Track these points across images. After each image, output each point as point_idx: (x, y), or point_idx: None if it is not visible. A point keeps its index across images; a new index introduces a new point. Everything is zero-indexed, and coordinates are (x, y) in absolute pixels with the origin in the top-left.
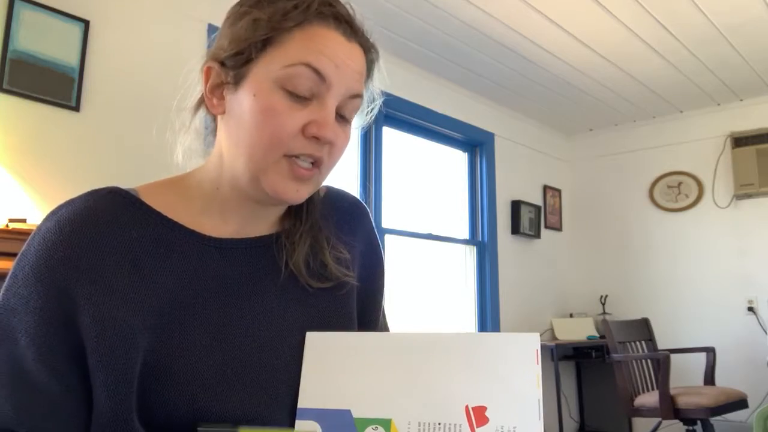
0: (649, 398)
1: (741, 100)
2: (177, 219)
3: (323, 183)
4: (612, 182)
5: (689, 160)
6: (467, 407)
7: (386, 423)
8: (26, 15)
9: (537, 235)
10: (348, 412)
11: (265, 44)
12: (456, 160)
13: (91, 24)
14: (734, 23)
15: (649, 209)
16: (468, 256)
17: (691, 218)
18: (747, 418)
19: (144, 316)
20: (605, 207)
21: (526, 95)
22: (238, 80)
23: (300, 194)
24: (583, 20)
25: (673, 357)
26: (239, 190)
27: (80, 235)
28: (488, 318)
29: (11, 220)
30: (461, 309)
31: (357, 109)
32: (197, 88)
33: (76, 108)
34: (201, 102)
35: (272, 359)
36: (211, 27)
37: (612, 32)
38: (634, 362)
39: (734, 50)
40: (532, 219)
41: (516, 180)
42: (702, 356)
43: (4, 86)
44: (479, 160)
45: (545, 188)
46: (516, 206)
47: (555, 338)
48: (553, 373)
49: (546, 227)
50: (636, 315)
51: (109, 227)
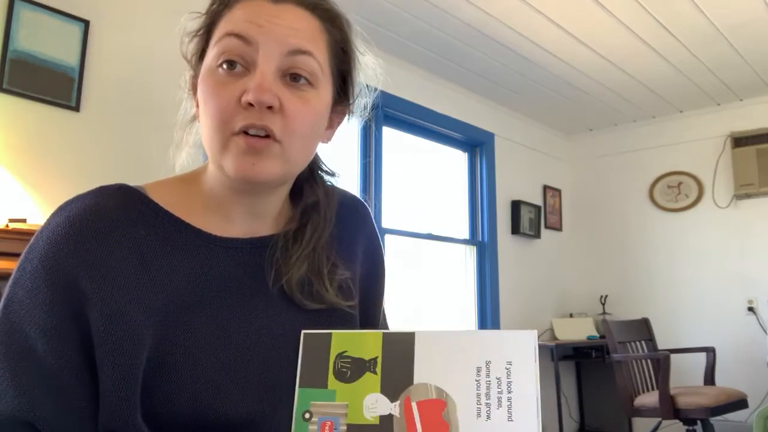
0: (649, 398)
1: (741, 100)
2: (183, 217)
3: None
4: (612, 182)
5: (689, 160)
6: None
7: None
8: (26, 15)
9: (537, 235)
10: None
11: (208, 34)
12: (456, 160)
13: (91, 24)
14: (734, 23)
15: (649, 209)
16: (468, 256)
17: (691, 218)
18: (747, 418)
19: (149, 313)
20: (605, 207)
21: (526, 95)
22: (198, 74)
23: (257, 168)
24: (583, 20)
25: (673, 357)
26: (226, 189)
27: (89, 230)
28: (488, 318)
29: (11, 220)
30: (461, 309)
31: (311, 68)
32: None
33: (76, 108)
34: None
35: (276, 357)
36: None
37: (612, 32)
38: (634, 362)
39: (734, 50)
40: (532, 219)
41: (516, 180)
42: (702, 356)
43: (4, 86)
44: (479, 160)
45: (545, 188)
46: (516, 206)
47: (555, 338)
48: (553, 373)
49: (546, 227)
50: (636, 315)
51: (118, 223)
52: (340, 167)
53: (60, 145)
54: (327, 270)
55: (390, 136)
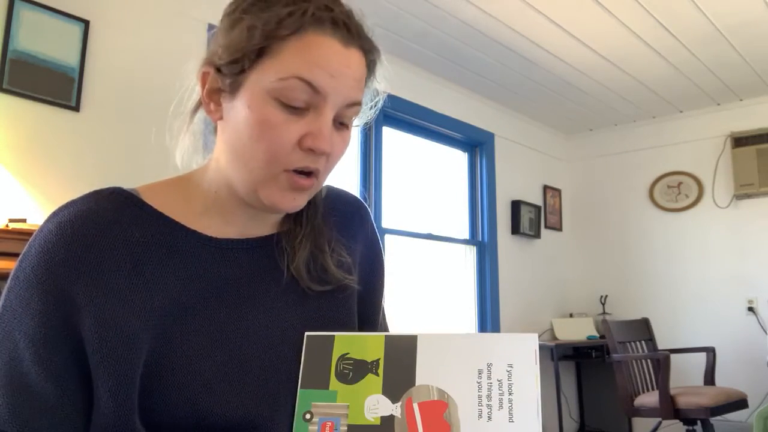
0: (649, 398)
1: (741, 100)
2: (178, 219)
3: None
4: (612, 182)
5: (689, 160)
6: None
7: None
8: (26, 15)
9: (537, 235)
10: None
11: (260, 53)
12: (456, 160)
13: (91, 24)
14: (734, 23)
15: (649, 209)
16: (468, 256)
17: (691, 218)
18: (747, 418)
19: (145, 318)
20: (605, 207)
21: (526, 95)
22: (234, 89)
23: (297, 203)
24: (583, 20)
25: (673, 357)
26: (236, 196)
27: (81, 237)
28: (488, 318)
29: (11, 220)
30: (461, 309)
31: (356, 115)
32: (196, 89)
33: (76, 108)
34: (200, 104)
35: (273, 360)
36: (211, 27)
37: (612, 32)
38: (634, 362)
39: (734, 50)
40: (532, 219)
41: (516, 180)
42: (702, 356)
43: (4, 86)
44: (479, 160)
45: (545, 188)
46: (516, 206)
47: (555, 338)
48: (553, 373)
49: (546, 227)
50: (636, 315)
51: (111, 228)
52: (340, 167)
53: (60, 145)
54: (330, 249)
55: (390, 136)
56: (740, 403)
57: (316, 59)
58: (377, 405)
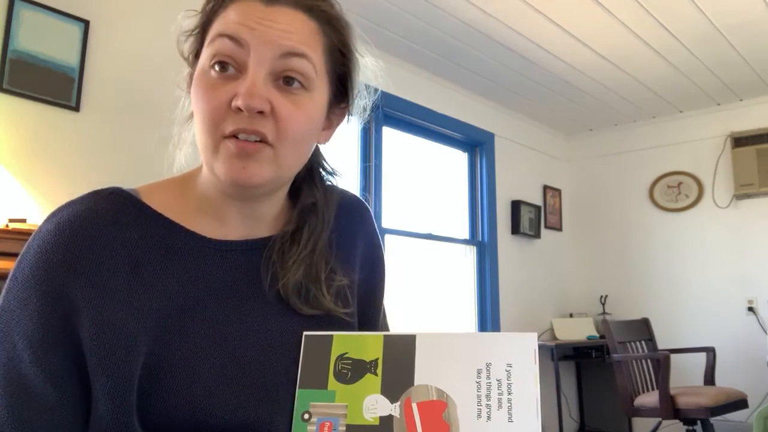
0: (649, 398)
1: (741, 100)
2: (178, 220)
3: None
4: (612, 182)
5: (689, 160)
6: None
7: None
8: (26, 15)
9: (537, 235)
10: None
11: (204, 33)
12: (456, 160)
13: (91, 24)
14: (734, 23)
15: (649, 209)
16: (468, 256)
17: (691, 218)
18: (747, 418)
19: (144, 319)
20: (605, 207)
21: (526, 95)
22: (193, 74)
23: (247, 172)
24: (583, 20)
25: (673, 357)
26: (217, 188)
27: (79, 238)
28: (488, 318)
29: (11, 220)
30: (461, 309)
31: (305, 71)
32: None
33: (76, 108)
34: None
35: (272, 361)
36: None
37: (612, 32)
38: (634, 362)
39: (734, 50)
40: (532, 219)
41: (516, 180)
42: (702, 356)
43: (4, 86)
44: (479, 160)
45: (545, 188)
46: (516, 206)
47: (555, 338)
48: (553, 373)
49: (546, 227)
50: (636, 315)
51: (110, 228)
52: (340, 167)
53: (60, 145)
54: (324, 275)
55: (390, 136)
56: (740, 403)
57: (237, 17)
58: (376, 405)
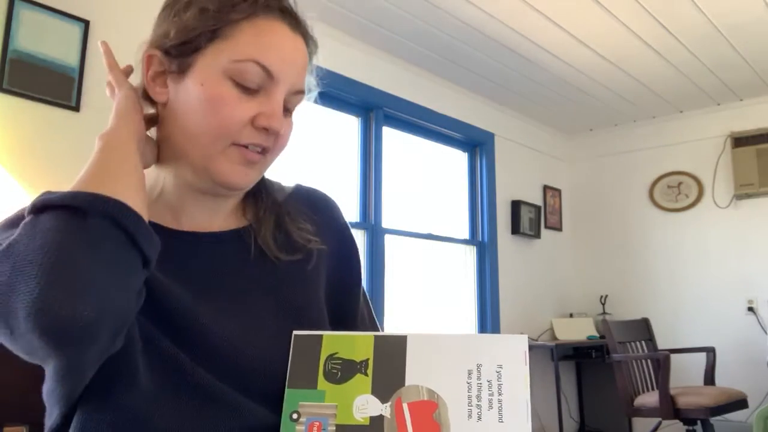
0: (649, 398)
1: (741, 100)
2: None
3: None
4: (612, 182)
5: (689, 160)
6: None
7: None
8: (26, 15)
9: (537, 235)
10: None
11: (214, 35)
12: (456, 160)
13: (91, 24)
14: (734, 23)
15: (649, 209)
16: (468, 256)
17: (691, 218)
18: (747, 418)
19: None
20: (605, 207)
21: (526, 95)
22: (184, 69)
23: (248, 178)
24: (583, 20)
25: (673, 357)
26: (181, 180)
27: None
28: (488, 318)
29: None
30: (461, 309)
31: (299, 103)
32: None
33: (76, 108)
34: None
35: (245, 349)
36: None
37: (612, 32)
38: (634, 362)
39: (734, 50)
40: (532, 219)
41: (516, 180)
42: (702, 356)
43: (4, 86)
44: (479, 160)
45: (545, 188)
46: (516, 206)
47: (555, 338)
48: (553, 373)
49: (546, 227)
50: (636, 315)
51: None
52: (340, 167)
53: (60, 145)
54: (290, 219)
55: (390, 136)
56: (740, 403)
57: (270, 44)
58: (366, 405)
